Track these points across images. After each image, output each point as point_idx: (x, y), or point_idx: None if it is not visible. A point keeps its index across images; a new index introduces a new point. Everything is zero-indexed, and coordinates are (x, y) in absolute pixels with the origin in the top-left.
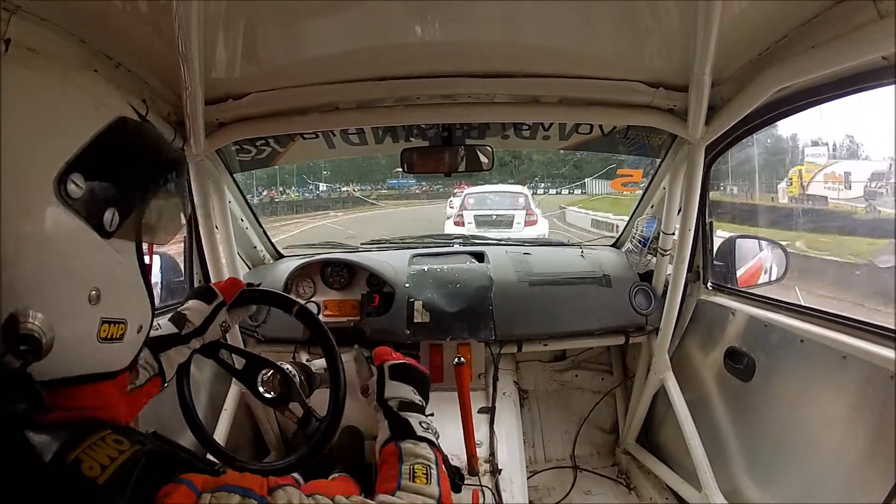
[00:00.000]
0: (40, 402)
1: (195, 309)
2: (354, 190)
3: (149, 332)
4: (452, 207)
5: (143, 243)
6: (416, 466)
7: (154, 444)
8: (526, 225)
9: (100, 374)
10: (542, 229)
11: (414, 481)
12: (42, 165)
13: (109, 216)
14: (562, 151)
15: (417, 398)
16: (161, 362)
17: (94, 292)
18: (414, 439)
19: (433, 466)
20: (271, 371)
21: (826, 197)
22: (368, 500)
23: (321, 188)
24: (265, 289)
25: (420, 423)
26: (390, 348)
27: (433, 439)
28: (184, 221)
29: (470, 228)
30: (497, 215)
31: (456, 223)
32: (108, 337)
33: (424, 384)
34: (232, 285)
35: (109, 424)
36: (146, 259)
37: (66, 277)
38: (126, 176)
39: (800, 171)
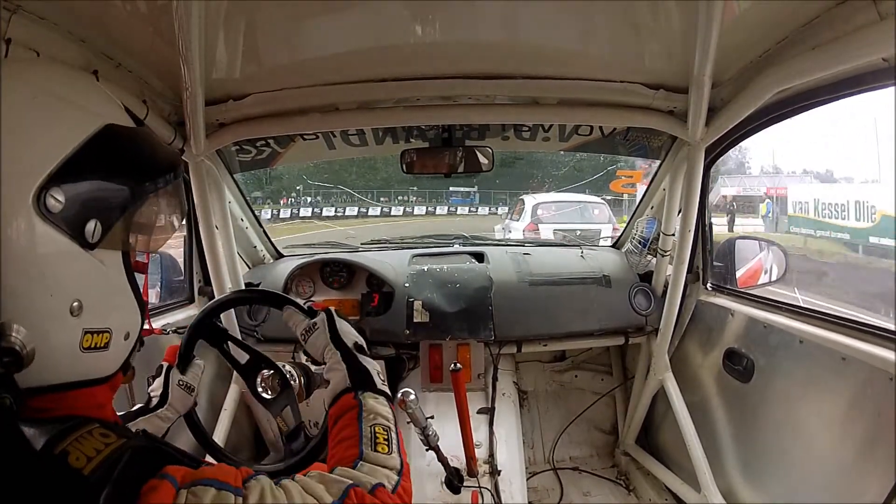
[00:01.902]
0: (22, 398)
1: (155, 386)
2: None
3: (139, 336)
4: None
5: (131, 251)
6: (376, 429)
7: (142, 440)
8: None
9: (87, 381)
10: None
11: (376, 449)
12: (19, 180)
13: (91, 227)
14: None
15: (364, 344)
16: None
17: (75, 304)
18: (374, 392)
19: (392, 429)
20: (272, 371)
21: None
22: (326, 473)
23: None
24: (191, 324)
25: (378, 373)
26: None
27: (390, 394)
28: (177, 225)
29: None
30: (582, 230)
31: None
32: (92, 347)
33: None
34: (171, 351)
35: (98, 420)
36: (143, 259)
37: (46, 290)
38: (109, 186)
39: None
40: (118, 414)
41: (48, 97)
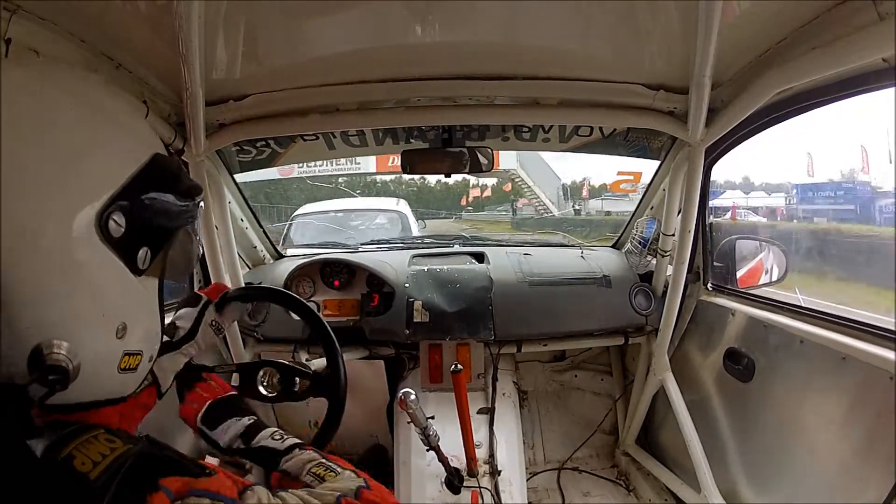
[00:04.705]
0: (29, 408)
1: (184, 315)
2: None
3: (154, 359)
4: None
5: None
6: (312, 470)
7: (145, 446)
8: None
9: (109, 400)
10: None
11: (325, 480)
12: (85, 198)
13: (143, 254)
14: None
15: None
16: (153, 371)
17: (121, 326)
18: (285, 455)
19: (326, 460)
20: (270, 370)
21: None
22: (313, 490)
23: None
24: (250, 285)
25: (272, 435)
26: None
27: (300, 441)
28: (199, 256)
29: None
30: None
31: None
32: (127, 368)
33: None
34: (215, 288)
35: (102, 426)
36: None
37: (99, 311)
38: (159, 214)
39: None
40: None
41: (105, 119)
